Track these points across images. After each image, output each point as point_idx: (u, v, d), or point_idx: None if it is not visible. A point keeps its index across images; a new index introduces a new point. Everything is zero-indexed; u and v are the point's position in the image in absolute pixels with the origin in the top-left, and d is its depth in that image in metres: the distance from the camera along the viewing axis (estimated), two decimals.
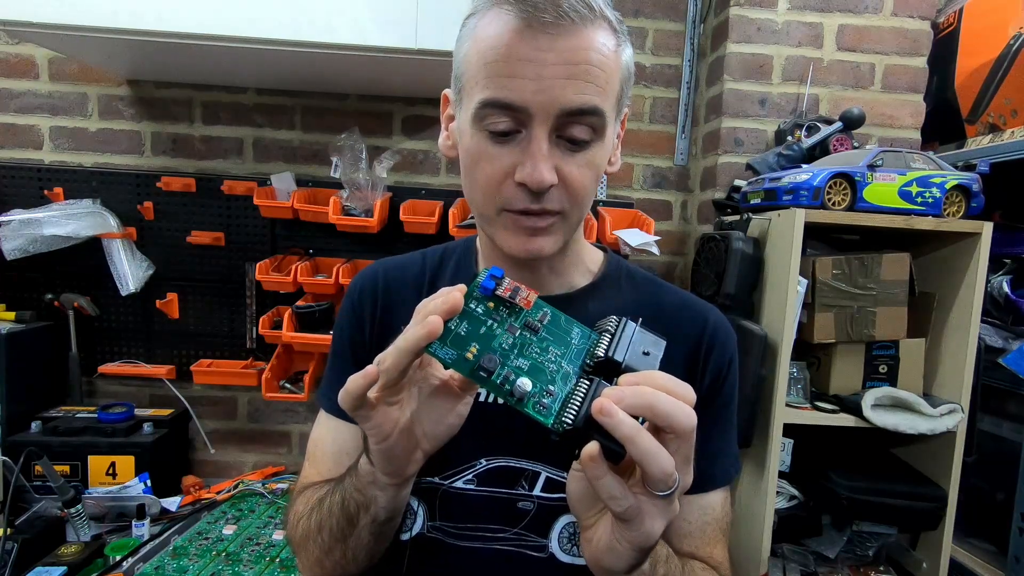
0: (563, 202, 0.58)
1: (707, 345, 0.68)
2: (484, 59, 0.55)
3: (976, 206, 1.24)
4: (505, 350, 0.48)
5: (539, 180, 0.55)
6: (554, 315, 0.51)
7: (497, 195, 0.58)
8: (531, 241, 0.59)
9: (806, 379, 1.31)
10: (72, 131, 1.63)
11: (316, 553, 0.61)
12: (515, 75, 0.53)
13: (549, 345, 0.49)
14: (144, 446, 1.42)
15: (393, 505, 0.56)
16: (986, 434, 1.42)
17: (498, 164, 0.57)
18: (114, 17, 1.16)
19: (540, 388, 0.47)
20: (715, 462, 0.67)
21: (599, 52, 0.54)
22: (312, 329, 1.49)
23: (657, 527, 0.44)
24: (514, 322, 0.49)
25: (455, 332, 0.48)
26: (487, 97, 0.55)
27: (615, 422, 0.41)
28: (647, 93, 1.71)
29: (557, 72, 0.53)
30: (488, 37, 0.55)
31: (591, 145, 0.57)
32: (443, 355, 0.47)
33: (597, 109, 0.55)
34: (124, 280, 1.56)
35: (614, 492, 0.43)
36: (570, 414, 0.45)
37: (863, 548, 1.34)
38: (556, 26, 0.53)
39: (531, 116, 0.54)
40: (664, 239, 1.61)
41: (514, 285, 0.50)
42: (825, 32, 1.54)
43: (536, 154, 0.55)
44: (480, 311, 0.49)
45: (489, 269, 0.50)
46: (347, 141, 1.54)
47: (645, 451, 0.41)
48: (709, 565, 0.65)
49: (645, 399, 0.42)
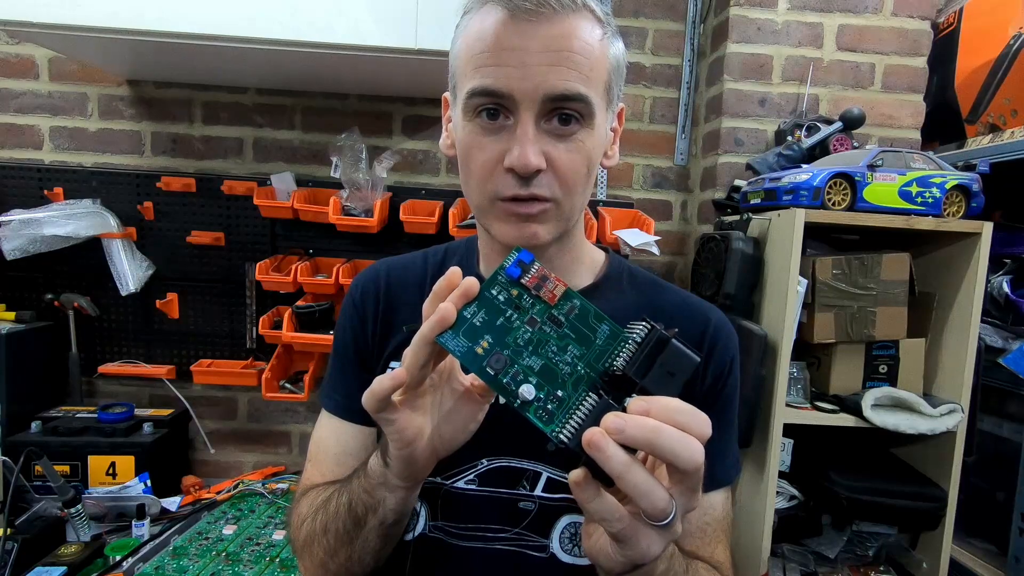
0: (553, 189, 0.59)
1: (709, 345, 0.68)
2: (471, 52, 0.57)
3: (976, 206, 1.24)
4: (519, 346, 0.45)
5: (525, 163, 0.55)
6: (583, 309, 0.46)
7: (489, 183, 0.59)
8: (525, 227, 0.60)
9: (806, 379, 1.31)
10: (72, 131, 1.63)
11: (321, 555, 0.61)
12: (500, 64, 0.55)
13: (569, 344, 0.45)
14: (144, 446, 1.42)
15: (402, 508, 0.56)
16: (986, 434, 1.42)
17: (489, 152, 0.58)
18: (114, 17, 1.15)
19: (547, 392, 0.44)
20: (716, 462, 0.67)
21: (582, 40, 0.56)
22: (312, 329, 1.49)
23: (655, 547, 0.42)
24: (536, 314, 0.46)
25: (470, 322, 0.45)
26: (474, 86, 0.56)
27: (604, 457, 0.39)
28: (647, 93, 1.71)
29: (540, 59, 0.55)
30: (475, 31, 0.57)
31: (579, 131, 0.58)
32: (453, 346, 0.45)
33: (581, 95, 0.56)
34: (124, 280, 1.56)
35: (604, 515, 0.41)
36: (567, 433, 0.43)
37: (863, 548, 1.34)
38: (537, 14, 0.54)
39: (516, 103, 0.55)
40: (664, 239, 1.61)
41: (542, 273, 0.46)
42: (825, 32, 1.54)
43: (522, 138, 0.56)
44: (502, 299, 0.46)
45: (519, 253, 0.46)
46: (347, 141, 1.54)
47: (635, 487, 0.39)
48: (711, 565, 0.64)
49: (647, 433, 0.39)
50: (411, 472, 0.52)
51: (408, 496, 0.55)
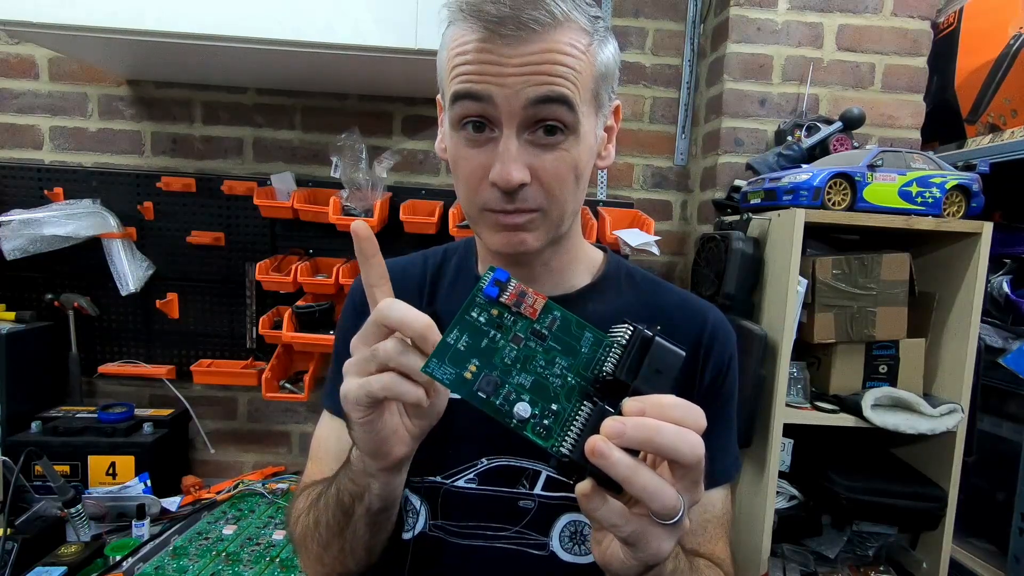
0: (539, 200, 0.59)
1: (707, 344, 0.69)
2: (453, 63, 0.57)
3: (976, 206, 1.24)
4: (507, 365, 0.45)
5: (507, 180, 0.56)
6: (564, 320, 0.47)
7: (476, 195, 0.60)
8: (513, 236, 0.60)
9: (806, 379, 1.31)
10: (72, 131, 1.63)
11: (315, 549, 0.61)
12: (480, 72, 0.55)
13: (556, 356, 0.46)
14: (144, 446, 1.42)
15: (386, 493, 0.55)
16: (986, 434, 1.42)
17: (474, 165, 0.58)
18: (114, 17, 1.15)
19: (542, 408, 0.44)
20: (716, 460, 0.67)
21: (564, 52, 0.55)
22: (312, 329, 1.49)
23: (666, 547, 0.42)
24: (519, 331, 0.46)
25: (454, 348, 0.44)
26: (456, 90, 0.56)
27: (609, 463, 0.39)
28: (647, 93, 1.71)
29: (520, 71, 0.54)
30: (456, 45, 0.57)
31: (564, 140, 0.57)
32: (440, 375, 0.44)
33: (563, 97, 0.55)
34: (124, 280, 1.56)
35: (614, 521, 0.41)
36: (567, 445, 0.43)
37: (863, 548, 1.34)
38: (516, 37, 0.54)
39: (498, 110, 0.55)
40: (664, 239, 1.61)
41: (520, 289, 0.46)
42: (825, 32, 1.54)
43: (504, 154, 0.56)
44: (483, 320, 0.46)
45: (493, 272, 0.46)
46: (347, 141, 1.54)
47: (643, 489, 0.39)
48: (713, 562, 0.65)
49: (647, 432, 0.39)
50: (377, 447, 0.51)
51: (391, 480, 0.55)
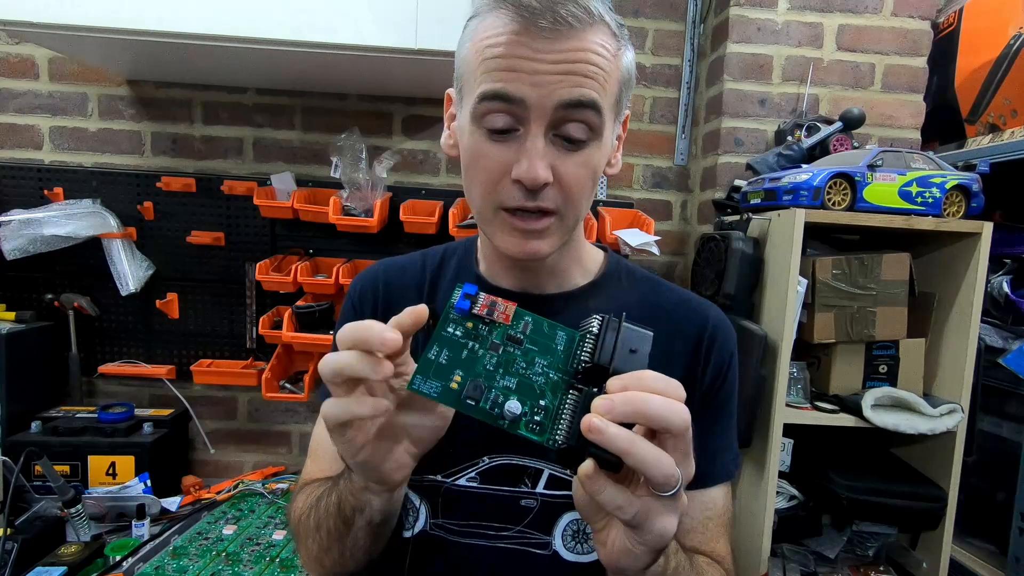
0: (558, 201, 0.59)
1: (707, 342, 0.69)
2: (483, 56, 0.56)
3: (976, 206, 1.24)
4: (490, 371, 0.46)
5: (533, 177, 0.55)
6: (536, 322, 0.49)
7: (494, 193, 0.59)
8: (528, 243, 0.60)
9: (806, 379, 1.31)
10: (72, 131, 1.63)
11: (315, 551, 0.62)
12: (513, 69, 0.54)
13: (534, 356, 0.48)
14: (144, 446, 1.42)
15: (388, 508, 0.57)
16: (986, 434, 1.42)
17: (495, 161, 0.57)
18: (114, 17, 1.15)
19: (531, 406, 0.46)
20: (716, 458, 0.67)
21: (597, 53, 0.55)
22: (312, 329, 1.49)
23: (669, 526, 0.44)
24: (495, 338, 0.48)
25: (436, 362, 0.46)
26: (485, 90, 0.55)
27: (607, 438, 0.40)
28: (647, 93, 1.71)
29: (554, 70, 0.54)
30: (487, 37, 0.56)
31: (588, 144, 0.57)
32: (427, 390, 0.45)
33: (595, 102, 0.55)
34: (124, 280, 1.56)
35: (618, 502, 0.42)
36: (561, 433, 0.44)
37: (863, 548, 1.34)
38: (553, 31, 0.53)
39: (528, 110, 0.55)
40: (664, 239, 1.61)
41: (490, 300, 0.49)
42: (825, 32, 1.54)
43: (531, 151, 0.55)
44: (459, 334, 0.47)
45: (463, 288, 0.48)
46: (347, 141, 1.54)
47: (643, 459, 0.41)
48: (713, 560, 0.65)
49: (636, 405, 0.41)
50: (376, 477, 0.52)
51: (391, 498, 0.56)
